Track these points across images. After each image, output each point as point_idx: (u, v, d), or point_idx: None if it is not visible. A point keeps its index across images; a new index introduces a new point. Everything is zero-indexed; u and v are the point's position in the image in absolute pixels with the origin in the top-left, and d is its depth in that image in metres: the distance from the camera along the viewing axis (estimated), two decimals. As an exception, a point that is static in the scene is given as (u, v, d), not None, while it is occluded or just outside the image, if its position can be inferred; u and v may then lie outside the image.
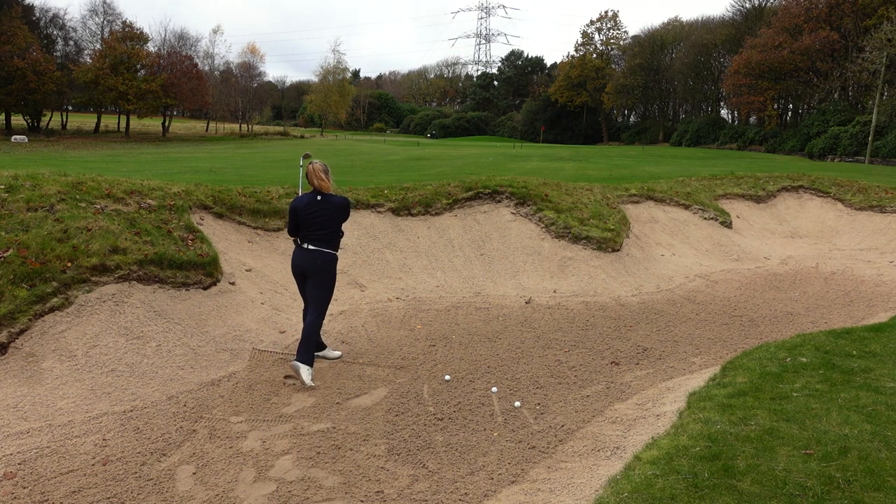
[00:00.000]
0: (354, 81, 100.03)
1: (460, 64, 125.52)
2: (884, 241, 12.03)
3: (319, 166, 5.27)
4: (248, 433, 4.21)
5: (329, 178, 5.30)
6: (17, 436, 3.95)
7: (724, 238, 11.40)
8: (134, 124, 61.09)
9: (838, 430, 3.49)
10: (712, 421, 3.68)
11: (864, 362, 4.68)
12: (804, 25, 44.12)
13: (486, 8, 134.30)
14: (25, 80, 44.18)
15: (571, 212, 9.93)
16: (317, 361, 5.43)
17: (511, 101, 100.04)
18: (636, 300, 8.05)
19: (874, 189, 14.32)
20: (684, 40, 65.35)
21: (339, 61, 74.09)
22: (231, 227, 7.94)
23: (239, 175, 14.67)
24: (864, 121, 38.03)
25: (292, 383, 5.05)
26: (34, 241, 5.50)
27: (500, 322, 6.93)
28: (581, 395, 4.99)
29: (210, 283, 6.34)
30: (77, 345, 4.95)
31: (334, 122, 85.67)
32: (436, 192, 10.13)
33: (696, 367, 5.63)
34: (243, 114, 75.29)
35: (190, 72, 56.68)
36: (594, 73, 73.06)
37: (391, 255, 8.67)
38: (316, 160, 5.38)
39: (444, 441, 4.18)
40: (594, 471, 3.55)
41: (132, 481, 3.58)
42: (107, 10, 58.82)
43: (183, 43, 63.96)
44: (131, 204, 6.96)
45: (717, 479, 3.01)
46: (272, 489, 3.55)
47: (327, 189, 5.28)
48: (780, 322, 7.30)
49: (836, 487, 2.92)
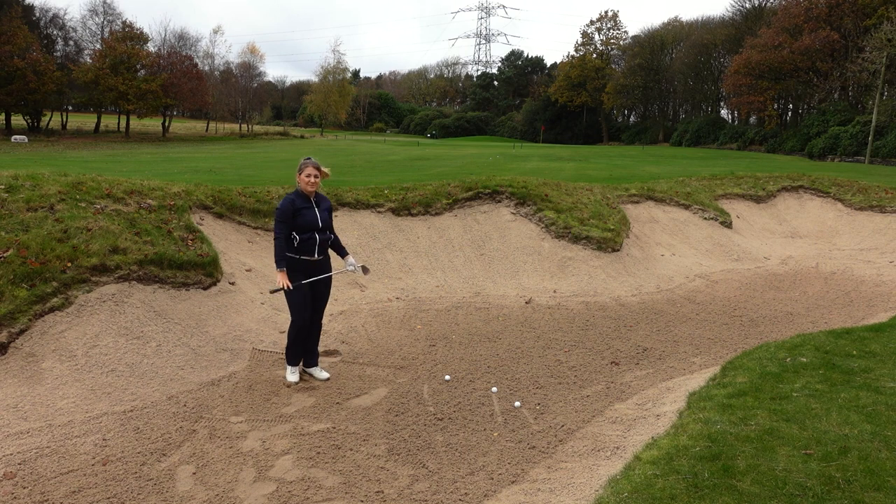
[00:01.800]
0: (354, 81, 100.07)
1: (460, 64, 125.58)
2: (884, 241, 12.03)
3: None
4: (248, 433, 4.21)
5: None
6: (17, 436, 3.95)
7: (724, 238, 11.40)
8: (134, 124, 61.07)
9: (838, 430, 3.49)
10: (712, 421, 3.68)
11: (864, 362, 4.68)
12: (804, 25, 44.09)
13: (486, 8, 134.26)
14: (25, 80, 44.15)
15: (571, 212, 9.93)
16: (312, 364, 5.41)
17: (511, 101, 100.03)
18: (636, 300, 8.05)
19: (874, 189, 14.32)
20: (684, 40, 65.33)
21: (339, 61, 74.11)
22: (231, 227, 7.94)
23: (239, 175, 14.67)
24: (864, 121, 38.01)
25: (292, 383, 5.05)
26: (34, 241, 5.50)
27: (500, 322, 6.93)
28: (581, 395, 4.99)
29: (210, 283, 6.34)
30: (77, 345, 4.95)
31: (334, 123, 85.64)
32: (436, 192, 10.13)
33: (696, 367, 5.63)
34: (243, 114, 75.27)
35: (190, 72, 56.64)
36: (594, 73, 73.05)
37: (391, 255, 8.67)
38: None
39: (444, 441, 4.18)
40: (594, 471, 3.55)
41: (132, 481, 3.58)
42: (107, 10, 58.82)
43: (183, 43, 63.96)
44: (131, 204, 6.96)
45: (717, 479, 3.01)
46: (272, 489, 3.55)
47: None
48: (780, 322, 7.30)
49: (836, 487, 2.92)
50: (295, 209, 4.86)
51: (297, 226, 4.87)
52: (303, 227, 4.89)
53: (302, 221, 4.88)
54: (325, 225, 5.00)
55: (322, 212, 5.02)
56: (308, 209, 4.93)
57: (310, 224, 4.91)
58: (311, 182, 4.91)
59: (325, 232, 5.02)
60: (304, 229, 4.89)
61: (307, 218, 4.91)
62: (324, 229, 5.00)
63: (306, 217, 4.90)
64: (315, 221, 4.94)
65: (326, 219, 5.03)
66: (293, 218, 4.86)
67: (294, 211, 4.86)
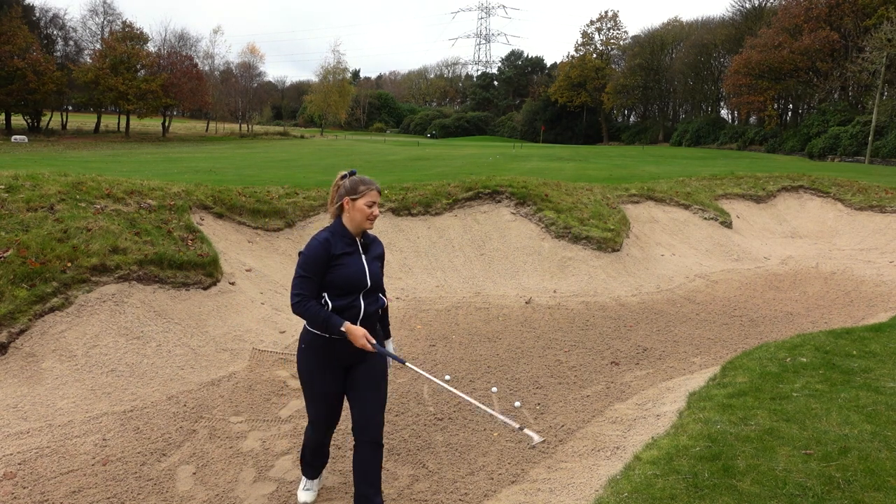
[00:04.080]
0: (354, 81, 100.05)
1: (460, 64, 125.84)
2: (884, 241, 12.03)
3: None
4: (248, 433, 4.21)
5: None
6: (17, 436, 3.95)
7: (724, 238, 11.40)
8: (134, 124, 61.07)
9: (838, 430, 3.49)
10: (712, 421, 3.68)
11: (864, 362, 4.68)
12: (804, 25, 44.11)
13: (486, 8, 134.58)
14: (25, 80, 44.15)
15: (571, 212, 9.93)
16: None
17: (511, 101, 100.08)
18: (636, 300, 8.05)
19: (874, 189, 14.32)
20: (684, 40, 65.34)
21: (339, 61, 74.13)
22: (231, 227, 7.94)
23: (239, 175, 14.66)
24: (864, 121, 38.01)
25: (293, 383, 5.05)
26: (34, 241, 5.50)
27: (500, 322, 6.93)
28: (581, 395, 4.99)
29: (210, 283, 6.34)
30: (77, 345, 4.95)
31: (334, 123, 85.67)
32: (436, 192, 10.13)
33: (696, 367, 5.63)
34: (243, 114, 75.28)
35: (190, 72, 56.66)
36: (594, 73, 73.09)
37: (391, 255, 8.67)
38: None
39: (444, 441, 4.18)
40: (594, 471, 3.55)
41: (132, 481, 3.58)
42: (107, 10, 58.79)
43: (183, 43, 63.93)
44: (131, 204, 6.96)
45: (717, 479, 3.01)
46: (272, 489, 3.55)
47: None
48: (780, 322, 7.30)
49: (836, 487, 2.92)
50: (331, 257, 2.98)
51: (332, 283, 2.99)
52: (341, 284, 2.99)
53: (341, 276, 2.98)
54: (375, 283, 3.10)
55: (372, 262, 3.12)
56: (353, 256, 3.04)
57: (353, 281, 3.01)
58: (372, 215, 3.05)
59: (374, 294, 3.12)
60: (342, 289, 3.00)
61: (350, 270, 3.01)
62: (374, 289, 3.11)
63: (349, 269, 3.01)
64: (362, 276, 3.04)
65: (377, 273, 3.14)
66: (327, 270, 2.98)
67: (329, 259, 2.98)
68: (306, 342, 3.10)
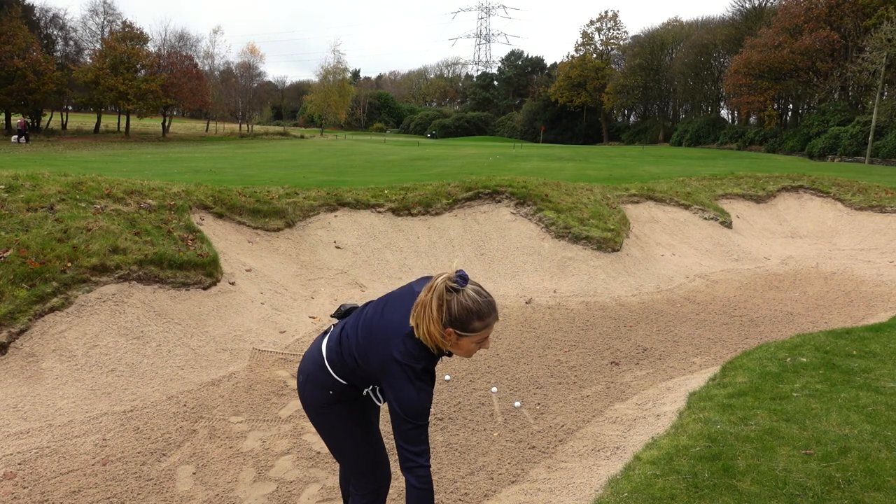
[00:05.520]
0: (354, 81, 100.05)
1: (460, 64, 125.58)
2: (884, 241, 12.03)
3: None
4: (248, 433, 4.21)
5: None
6: (17, 436, 3.95)
7: (724, 238, 11.40)
8: (134, 124, 61.05)
9: (838, 430, 3.49)
10: (712, 421, 3.68)
11: (864, 362, 4.68)
12: (804, 25, 44.11)
13: (486, 8, 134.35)
14: (25, 80, 44.12)
15: (571, 212, 9.94)
16: None
17: (511, 101, 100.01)
18: (636, 300, 8.05)
19: (874, 189, 14.32)
20: (684, 40, 65.31)
21: (338, 61, 74.09)
22: (231, 227, 7.94)
23: (239, 175, 14.66)
24: (864, 121, 38.00)
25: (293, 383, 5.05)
26: (34, 241, 5.50)
27: (499, 322, 6.92)
28: (581, 395, 4.99)
29: (210, 283, 6.34)
30: (77, 345, 4.95)
31: (334, 123, 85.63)
32: (436, 192, 10.13)
33: (696, 367, 5.63)
34: (243, 114, 75.26)
35: (190, 72, 56.63)
36: (594, 73, 73.05)
37: (391, 255, 8.67)
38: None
39: (444, 441, 4.18)
40: (594, 471, 3.55)
41: (132, 481, 3.57)
42: (107, 10, 58.73)
43: (183, 43, 63.87)
44: (131, 204, 6.96)
45: (717, 479, 3.01)
46: (272, 489, 3.55)
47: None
48: (780, 322, 7.30)
49: (836, 487, 2.92)
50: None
51: None
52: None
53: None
54: None
55: None
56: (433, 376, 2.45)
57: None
58: (474, 351, 2.41)
59: None
60: None
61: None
62: None
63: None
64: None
65: None
66: None
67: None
68: (335, 392, 2.44)
